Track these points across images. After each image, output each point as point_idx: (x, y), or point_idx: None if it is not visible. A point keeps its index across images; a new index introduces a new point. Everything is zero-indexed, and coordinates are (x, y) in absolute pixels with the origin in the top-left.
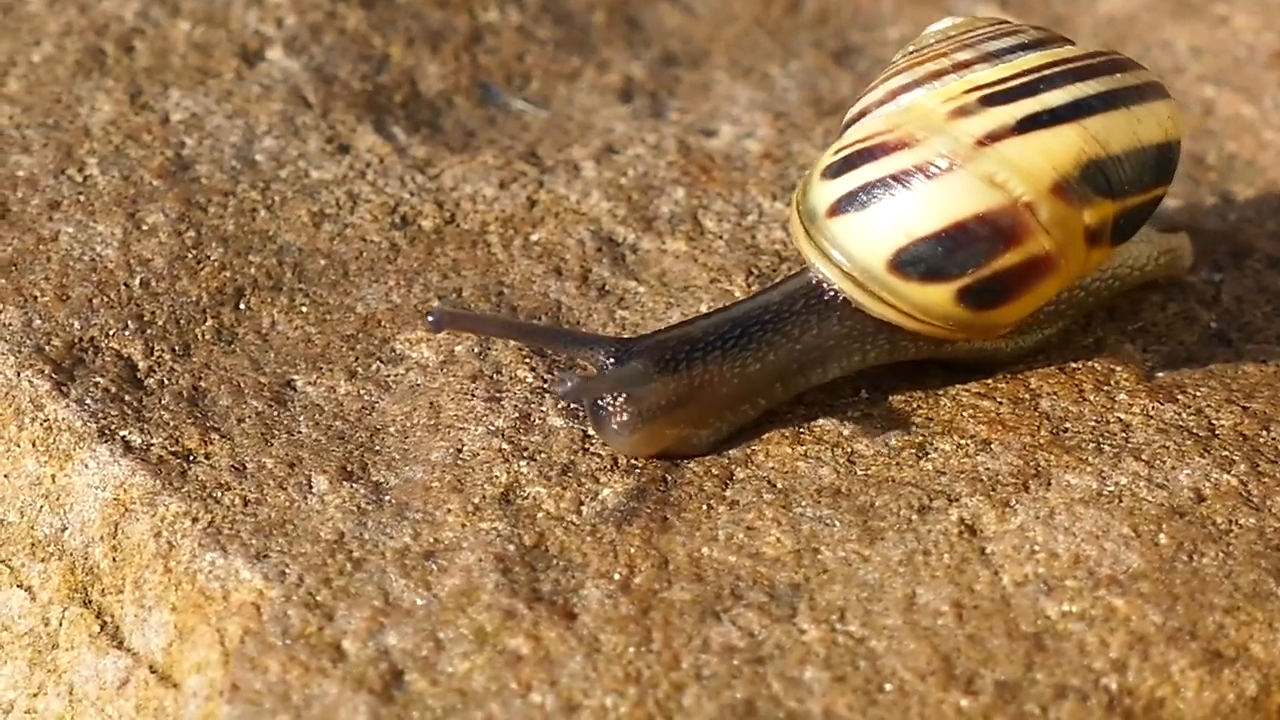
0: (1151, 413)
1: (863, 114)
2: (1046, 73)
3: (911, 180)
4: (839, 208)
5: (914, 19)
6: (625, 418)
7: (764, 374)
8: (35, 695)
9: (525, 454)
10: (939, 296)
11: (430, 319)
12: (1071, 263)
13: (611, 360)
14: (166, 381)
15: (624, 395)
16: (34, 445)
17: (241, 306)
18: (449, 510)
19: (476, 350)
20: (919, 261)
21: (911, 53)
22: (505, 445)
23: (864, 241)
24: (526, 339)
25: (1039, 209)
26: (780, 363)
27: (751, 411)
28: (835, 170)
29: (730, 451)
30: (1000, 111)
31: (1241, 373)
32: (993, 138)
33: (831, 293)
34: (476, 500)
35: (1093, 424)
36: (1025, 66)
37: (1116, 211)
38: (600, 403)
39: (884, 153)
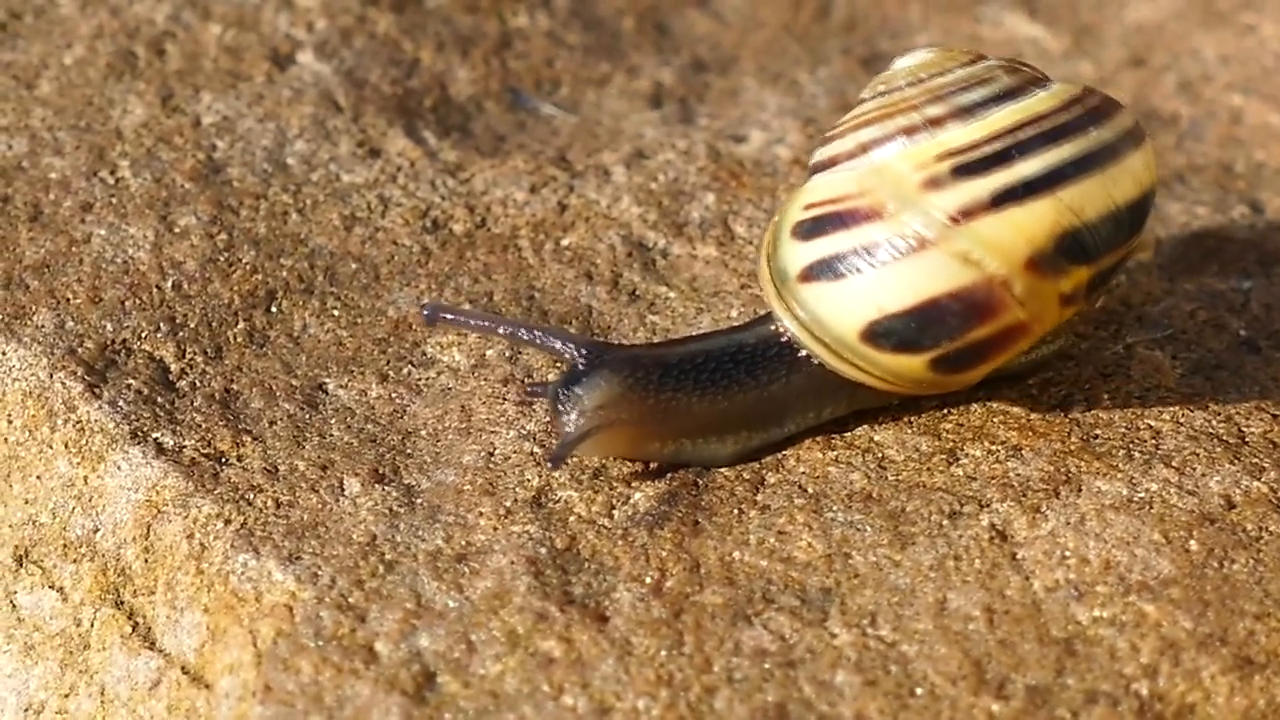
0: (1181, 419)
1: (832, 163)
2: (1020, 136)
3: (884, 255)
4: (810, 274)
5: (942, 26)
6: (581, 420)
7: (733, 411)
8: (67, 696)
9: None
10: (911, 365)
11: (425, 312)
12: (1045, 324)
13: (582, 362)
14: (198, 384)
15: (583, 398)
16: (66, 447)
17: (273, 309)
18: (481, 513)
19: (508, 354)
20: (892, 334)
21: (882, 95)
22: (537, 449)
23: (836, 312)
24: (505, 336)
25: (1013, 284)
26: (749, 404)
27: (718, 447)
28: (806, 231)
29: (761, 457)
30: (973, 185)
31: (1271, 380)
32: (966, 214)
33: (803, 351)
34: (508, 503)
35: (1123, 430)
36: (998, 128)
37: (1092, 275)
38: (560, 398)
39: (855, 221)
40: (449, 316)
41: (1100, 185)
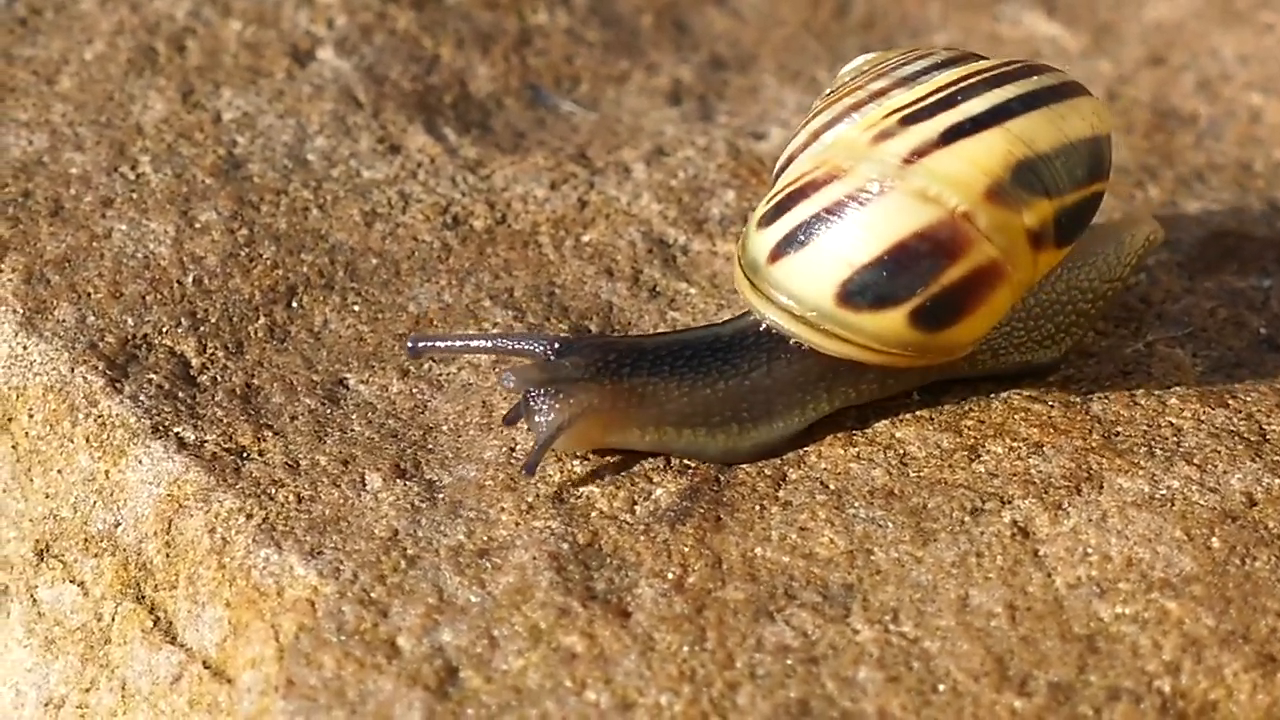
0: (1202, 417)
1: (790, 160)
2: (962, 85)
3: (845, 210)
4: (779, 252)
5: (960, 24)
6: (552, 415)
7: (714, 400)
8: (88, 690)
9: (578, 453)
10: (892, 322)
11: (409, 347)
12: (1020, 269)
13: (552, 355)
14: (219, 379)
15: (553, 388)
16: (88, 441)
17: (294, 305)
18: (503, 509)
19: None
20: (866, 290)
21: (828, 94)
22: (558, 445)
23: (809, 280)
24: (487, 351)
25: (977, 217)
26: (730, 393)
27: (706, 440)
28: (770, 217)
29: (782, 453)
30: (922, 128)
31: None
32: (918, 154)
33: (791, 340)
34: (530, 499)
35: (1144, 428)
36: (941, 83)
37: (1056, 210)
38: (531, 394)
39: (814, 189)
40: (425, 345)
41: (1048, 119)
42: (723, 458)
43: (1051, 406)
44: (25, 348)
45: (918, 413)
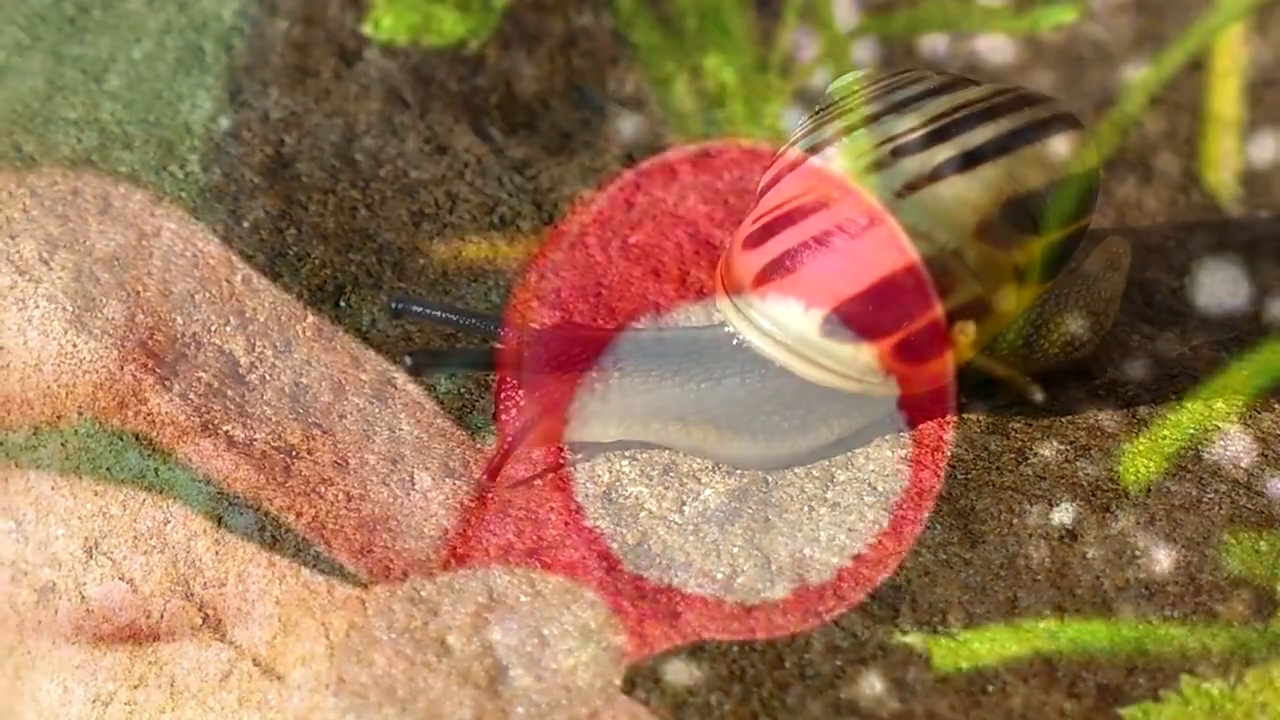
0: (1248, 420)
1: (776, 180)
2: (956, 116)
3: (834, 241)
4: (764, 277)
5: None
6: (515, 411)
7: (685, 399)
8: (136, 687)
9: (626, 453)
10: (874, 354)
11: (393, 305)
12: (1004, 304)
13: (523, 347)
14: (268, 377)
15: (521, 383)
16: (137, 439)
17: (342, 304)
18: (551, 508)
19: None
20: (851, 322)
21: (818, 112)
22: (607, 444)
23: (794, 310)
24: (457, 326)
25: (966, 254)
26: (704, 398)
27: (667, 433)
28: (756, 239)
29: (831, 454)
30: (915, 160)
31: None
32: (910, 188)
33: (776, 363)
34: (579, 498)
35: (1190, 431)
36: (934, 113)
37: (1043, 248)
38: (504, 390)
39: (802, 216)
40: (403, 307)
41: (1040, 156)
42: (697, 454)
43: (1098, 409)
44: (75, 345)
45: (964, 415)
